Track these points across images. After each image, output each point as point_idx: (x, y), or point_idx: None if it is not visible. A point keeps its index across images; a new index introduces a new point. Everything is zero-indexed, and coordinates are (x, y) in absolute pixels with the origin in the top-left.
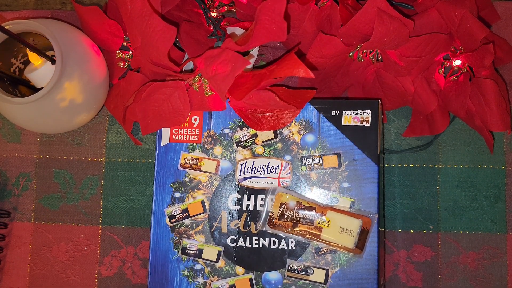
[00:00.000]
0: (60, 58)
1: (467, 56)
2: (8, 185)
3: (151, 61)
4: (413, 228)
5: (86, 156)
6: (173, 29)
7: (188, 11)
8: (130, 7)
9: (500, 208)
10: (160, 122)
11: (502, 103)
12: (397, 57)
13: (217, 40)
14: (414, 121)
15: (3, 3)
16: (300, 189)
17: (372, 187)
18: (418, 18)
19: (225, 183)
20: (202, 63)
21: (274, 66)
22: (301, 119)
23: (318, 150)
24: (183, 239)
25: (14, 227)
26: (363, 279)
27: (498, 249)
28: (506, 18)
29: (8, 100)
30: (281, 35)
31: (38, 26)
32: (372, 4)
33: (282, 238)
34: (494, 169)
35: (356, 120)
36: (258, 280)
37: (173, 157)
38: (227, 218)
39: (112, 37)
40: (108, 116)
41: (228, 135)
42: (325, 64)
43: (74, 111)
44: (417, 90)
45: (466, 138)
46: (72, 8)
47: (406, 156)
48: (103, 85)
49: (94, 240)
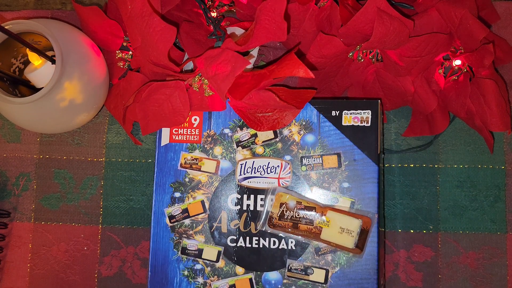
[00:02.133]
0: (60, 58)
1: (467, 56)
2: (8, 185)
3: (151, 61)
4: (413, 228)
5: (86, 156)
6: (173, 29)
7: (188, 11)
8: (130, 7)
9: (500, 208)
10: (160, 122)
11: (502, 103)
12: (397, 57)
13: (217, 40)
14: (414, 121)
15: (3, 3)
16: (300, 189)
17: (372, 187)
18: (418, 18)
19: (225, 183)
20: (202, 63)
21: (274, 66)
22: (301, 119)
23: (318, 150)
24: (183, 239)
25: (14, 227)
26: (363, 279)
27: (498, 249)
28: (506, 18)
29: (8, 100)
30: (281, 35)
31: (38, 26)
32: (372, 4)
33: (282, 238)
34: (494, 169)
35: (356, 120)
36: (258, 280)
37: (173, 157)
38: (227, 218)
39: (112, 37)
40: (108, 116)
41: (228, 135)
42: (325, 64)
43: (74, 111)
44: (417, 90)
45: (466, 138)
46: (72, 8)
47: (406, 156)
48: (103, 85)
49: (94, 240)
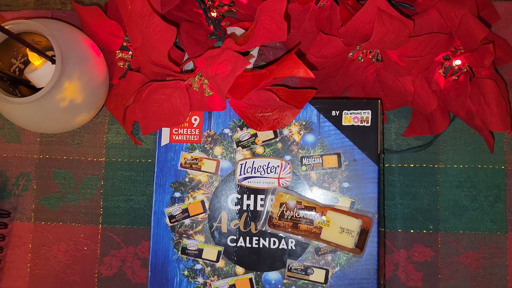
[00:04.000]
0: (60, 58)
1: (467, 56)
2: (8, 185)
3: (151, 61)
4: (413, 228)
5: (86, 156)
6: (173, 29)
7: (188, 11)
8: (130, 7)
9: (500, 208)
10: (160, 122)
11: (502, 103)
12: (397, 57)
13: (217, 40)
14: (414, 121)
15: (3, 3)
16: (300, 189)
17: (372, 187)
18: (418, 18)
19: (225, 183)
20: (202, 63)
21: (274, 66)
22: (301, 119)
23: (318, 150)
24: (183, 239)
25: (14, 227)
26: (363, 279)
27: (498, 249)
28: (506, 18)
29: (8, 100)
30: (281, 36)
31: (38, 26)
32: (372, 4)
33: (282, 238)
34: (494, 169)
35: (356, 120)
36: (258, 280)
37: (173, 157)
38: (227, 218)
39: (112, 37)
40: (108, 116)
41: (228, 135)
42: (325, 64)
43: (74, 111)
44: (417, 90)
45: (466, 138)
46: (72, 8)
47: (406, 156)
48: (103, 85)
49: (94, 240)
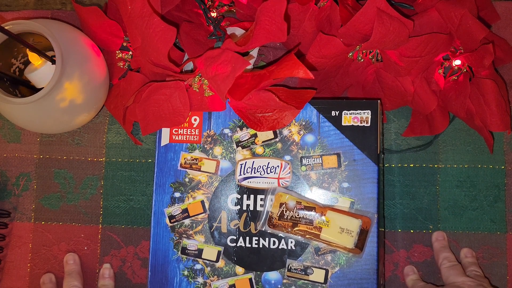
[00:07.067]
0: (60, 58)
1: (467, 56)
2: (8, 185)
3: (151, 61)
4: (413, 228)
5: (86, 156)
6: (173, 30)
7: (188, 12)
8: (130, 8)
9: (500, 208)
10: (160, 122)
11: (502, 103)
12: (397, 57)
13: (217, 41)
14: (414, 121)
15: (3, 3)
16: (300, 189)
17: (371, 187)
18: (418, 18)
19: (225, 183)
20: (202, 64)
21: (274, 67)
22: (301, 119)
23: (318, 150)
24: (183, 239)
25: (14, 227)
26: (363, 279)
27: (498, 249)
28: (506, 18)
29: (8, 100)
30: (281, 36)
31: (38, 26)
32: (372, 4)
33: (282, 238)
34: (494, 169)
35: (356, 120)
36: (258, 280)
37: (173, 157)
38: (227, 218)
39: (112, 37)
40: (108, 116)
41: (228, 135)
42: (325, 64)
43: (74, 111)
44: (417, 90)
45: (466, 138)
46: (72, 8)
47: (406, 156)
48: (103, 85)
49: (94, 240)
